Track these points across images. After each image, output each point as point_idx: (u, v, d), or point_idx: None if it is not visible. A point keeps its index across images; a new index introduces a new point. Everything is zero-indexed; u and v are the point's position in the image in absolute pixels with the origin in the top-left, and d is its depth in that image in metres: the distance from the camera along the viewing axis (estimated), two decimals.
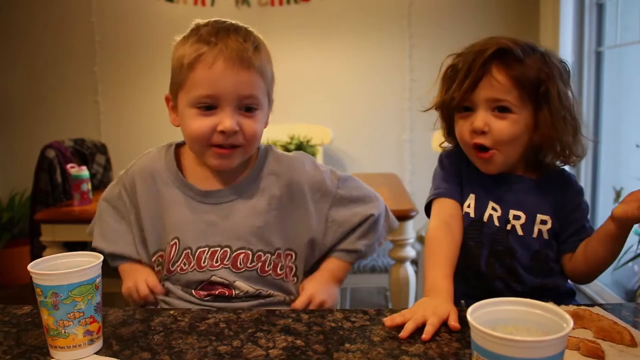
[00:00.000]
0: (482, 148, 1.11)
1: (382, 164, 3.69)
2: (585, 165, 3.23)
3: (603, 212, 3.19)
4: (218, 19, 1.09)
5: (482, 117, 1.08)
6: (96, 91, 3.84)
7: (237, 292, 1.10)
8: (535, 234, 1.13)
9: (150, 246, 1.17)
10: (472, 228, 1.15)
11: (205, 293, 1.11)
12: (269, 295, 1.12)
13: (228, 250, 1.11)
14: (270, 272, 1.13)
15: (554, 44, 3.23)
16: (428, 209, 1.20)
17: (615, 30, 3.13)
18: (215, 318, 0.96)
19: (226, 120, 1.04)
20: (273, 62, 1.13)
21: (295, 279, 1.18)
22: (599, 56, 3.27)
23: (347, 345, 0.83)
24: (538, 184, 1.16)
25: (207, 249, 1.11)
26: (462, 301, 1.14)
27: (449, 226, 1.11)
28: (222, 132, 1.04)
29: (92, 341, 0.83)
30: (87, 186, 2.34)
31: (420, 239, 2.59)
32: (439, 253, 1.07)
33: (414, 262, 2.30)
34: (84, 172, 2.35)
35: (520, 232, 1.13)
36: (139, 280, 1.15)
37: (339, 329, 0.90)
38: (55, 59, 3.84)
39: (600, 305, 0.98)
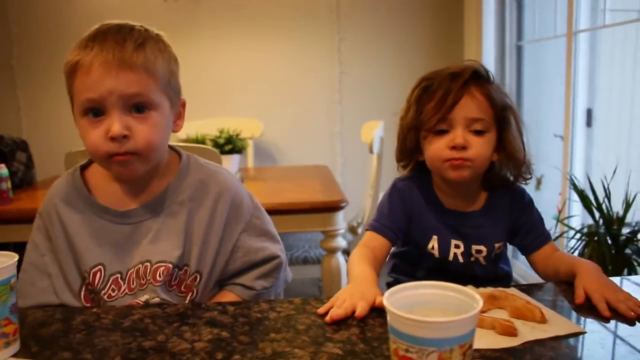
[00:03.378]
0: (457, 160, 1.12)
1: (313, 156, 3.70)
2: None
3: None
4: (108, 22, 1.02)
5: (461, 134, 1.10)
6: (15, 85, 3.67)
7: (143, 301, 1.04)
8: (494, 259, 1.21)
9: (73, 282, 1.07)
10: (437, 267, 1.20)
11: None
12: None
13: (148, 265, 1.05)
14: (175, 287, 1.08)
15: (477, 38, 3.36)
16: None
17: (533, 25, 3.28)
18: (140, 313, 0.94)
19: (113, 125, 0.97)
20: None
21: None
22: (519, 50, 3.42)
23: (272, 334, 0.84)
24: (487, 212, 1.20)
25: (134, 269, 1.06)
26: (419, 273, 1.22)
27: (375, 255, 1.13)
28: (112, 138, 0.97)
29: (7, 344, 0.80)
30: (6, 185, 2.23)
31: (352, 229, 2.64)
32: (365, 260, 1.09)
33: (346, 252, 2.33)
34: (3, 170, 2.24)
35: (483, 263, 1.20)
36: None
37: (265, 320, 0.90)
38: None
39: (516, 286, 1.04)
